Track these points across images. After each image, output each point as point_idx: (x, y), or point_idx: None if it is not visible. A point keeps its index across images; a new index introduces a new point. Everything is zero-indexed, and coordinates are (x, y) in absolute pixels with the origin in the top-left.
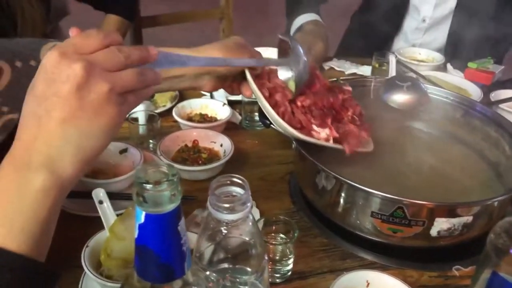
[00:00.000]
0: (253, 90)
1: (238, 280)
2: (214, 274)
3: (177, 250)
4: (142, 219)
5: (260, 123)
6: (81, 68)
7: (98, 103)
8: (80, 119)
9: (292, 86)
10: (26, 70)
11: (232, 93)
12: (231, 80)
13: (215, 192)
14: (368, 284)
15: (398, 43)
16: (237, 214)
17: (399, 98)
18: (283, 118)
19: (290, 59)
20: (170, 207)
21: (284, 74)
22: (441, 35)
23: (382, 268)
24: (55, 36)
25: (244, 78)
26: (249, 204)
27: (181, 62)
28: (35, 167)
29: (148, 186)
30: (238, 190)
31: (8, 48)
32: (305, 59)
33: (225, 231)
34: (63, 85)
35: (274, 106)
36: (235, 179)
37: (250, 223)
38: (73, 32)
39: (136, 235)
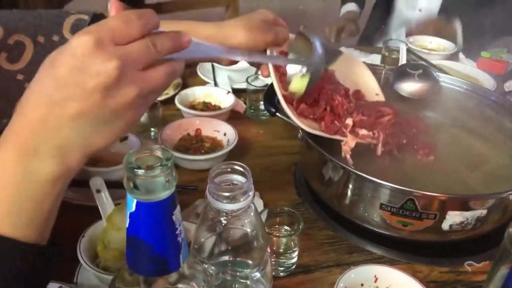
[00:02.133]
0: (272, 78)
1: (239, 273)
2: (213, 267)
3: (172, 241)
4: (133, 208)
5: (265, 112)
6: (114, 69)
7: (121, 107)
8: (98, 118)
9: (303, 81)
10: (50, 45)
11: (250, 65)
12: None
13: (214, 180)
14: (377, 279)
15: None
16: (238, 203)
17: (410, 86)
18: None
19: (310, 59)
20: (163, 194)
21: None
22: None
23: (391, 263)
24: None
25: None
26: (250, 193)
27: (210, 53)
28: (43, 155)
29: (140, 172)
30: (239, 178)
31: (30, 22)
32: (323, 57)
33: (225, 222)
34: (90, 79)
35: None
36: (236, 167)
37: (252, 214)
38: (112, 8)
39: (127, 225)
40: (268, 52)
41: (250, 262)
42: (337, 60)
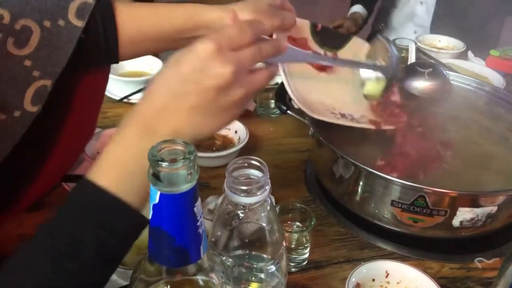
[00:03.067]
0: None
1: (255, 266)
2: (230, 260)
3: (193, 233)
4: (157, 199)
5: (276, 110)
6: (231, 73)
7: (229, 106)
8: (209, 112)
9: (379, 85)
10: (56, 30)
11: None
12: None
13: (232, 174)
14: (388, 274)
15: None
16: (255, 197)
17: (420, 84)
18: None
19: (389, 65)
20: (186, 186)
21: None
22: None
23: (401, 259)
24: None
25: None
26: (267, 188)
27: (303, 59)
28: (161, 135)
29: (164, 164)
30: (256, 173)
31: (35, 6)
32: (399, 64)
33: (242, 215)
34: (209, 79)
35: None
36: (253, 162)
37: (269, 208)
38: (230, 20)
39: (150, 216)
40: (274, 35)
41: (265, 255)
42: (346, 45)
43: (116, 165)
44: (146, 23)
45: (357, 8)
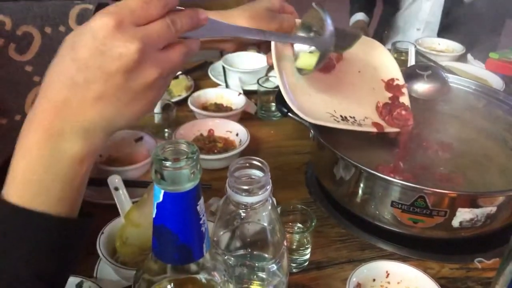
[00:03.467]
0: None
1: (256, 265)
2: (232, 259)
3: (196, 231)
4: (161, 198)
5: (276, 113)
6: (136, 51)
7: (142, 88)
8: (120, 99)
9: (312, 58)
10: (57, 36)
11: (258, 51)
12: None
13: (234, 174)
14: (388, 274)
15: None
16: (256, 196)
17: (419, 87)
18: None
19: (321, 38)
20: (189, 185)
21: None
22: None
23: (402, 260)
24: None
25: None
26: (268, 187)
27: (225, 31)
28: (69, 136)
29: (167, 163)
30: (257, 173)
31: (37, 13)
32: (334, 32)
33: (244, 215)
34: (112, 62)
35: None
36: (254, 162)
37: (270, 208)
38: None
39: (154, 215)
40: (272, 44)
41: (267, 254)
42: (355, 43)
43: (24, 181)
44: None
45: (360, 16)
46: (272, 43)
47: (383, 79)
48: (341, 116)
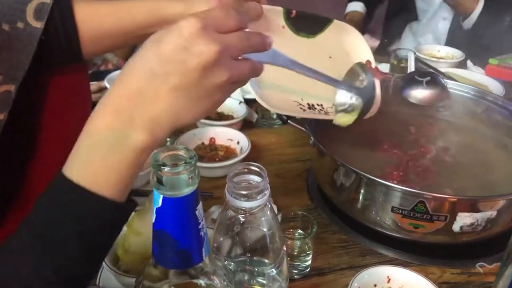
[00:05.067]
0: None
1: (256, 270)
2: (232, 264)
3: (195, 235)
4: (160, 203)
5: (277, 121)
6: (216, 52)
7: (213, 88)
8: (191, 94)
9: (350, 117)
10: (15, 33)
11: None
12: None
13: (233, 180)
14: (389, 279)
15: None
16: (255, 201)
17: (419, 93)
18: None
19: (365, 88)
20: (187, 190)
21: (344, 97)
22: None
23: (403, 265)
24: None
25: None
26: (266, 192)
27: (284, 64)
28: (137, 124)
29: (166, 169)
30: (255, 178)
31: None
32: (379, 97)
33: (243, 220)
34: (193, 58)
35: None
36: (252, 167)
37: (268, 212)
38: (215, 2)
39: (153, 220)
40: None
41: (266, 259)
42: (326, 29)
43: (86, 161)
44: (107, 20)
45: (358, 7)
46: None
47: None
48: (308, 104)
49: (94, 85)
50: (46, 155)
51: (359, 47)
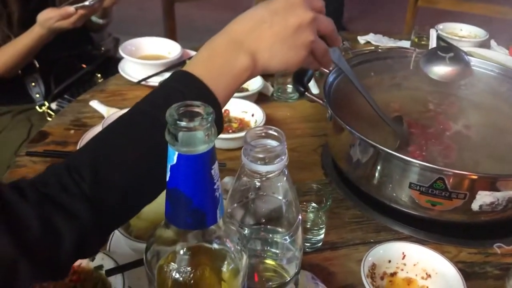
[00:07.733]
0: None
1: (270, 236)
2: (246, 230)
3: (210, 195)
4: (174, 160)
5: (293, 95)
6: (311, 18)
7: (299, 44)
8: (284, 44)
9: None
10: None
11: None
12: None
13: (250, 143)
14: (404, 256)
15: None
16: (272, 165)
17: (441, 70)
18: None
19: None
20: (203, 147)
21: None
22: None
23: (418, 243)
24: None
25: None
26: (284, 157)
27: (345, 70)
28: (245, 49)
29: (182, 123)
30: (273, 143)
31: None
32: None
33: (259, 184)
34: (293, 17)
35: None
36: (270, 131)
37: (285, 179)
38: None
39: (167, 178)
40: None
41: (280, 227)
42: None
43: (205, 67)
44: None
45: None
46: None
47: None
48: None
49: None
50: None
51: None
